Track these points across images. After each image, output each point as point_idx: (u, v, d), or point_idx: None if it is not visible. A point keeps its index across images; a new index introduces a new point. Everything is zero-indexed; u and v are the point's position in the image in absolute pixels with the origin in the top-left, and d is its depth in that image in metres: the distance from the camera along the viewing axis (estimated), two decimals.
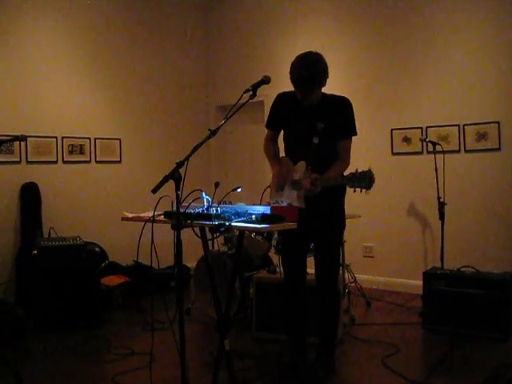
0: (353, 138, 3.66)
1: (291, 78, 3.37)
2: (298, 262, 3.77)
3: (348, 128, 3.57)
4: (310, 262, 3.80)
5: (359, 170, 3.15)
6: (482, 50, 5.59)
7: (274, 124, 3.76)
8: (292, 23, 6.93)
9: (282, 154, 3.79)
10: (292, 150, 3.67)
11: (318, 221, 3.48)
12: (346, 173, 3.33)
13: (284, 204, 3.42)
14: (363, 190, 3.18)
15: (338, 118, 3.51)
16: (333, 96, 3.60)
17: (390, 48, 6.19)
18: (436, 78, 5.89)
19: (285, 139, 3.75)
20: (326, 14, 6.66)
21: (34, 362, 4.14)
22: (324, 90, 3.56)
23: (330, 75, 3.47)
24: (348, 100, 3.57)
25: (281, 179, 3.62)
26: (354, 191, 3.22)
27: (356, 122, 3.63)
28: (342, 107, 3.55)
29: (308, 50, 3.46)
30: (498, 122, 5.51)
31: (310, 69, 3.32)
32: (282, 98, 3.69)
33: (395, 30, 6.14)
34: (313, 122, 3.49)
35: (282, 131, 3.77)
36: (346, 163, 3.58)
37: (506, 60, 5.46)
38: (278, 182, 3.63)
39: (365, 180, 3.13)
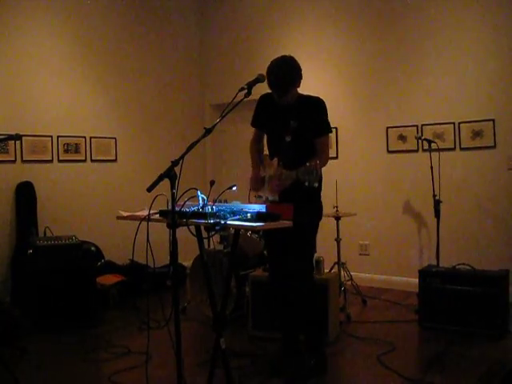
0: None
1: (268, 81, 3.51)
2: (281, 258, 3.86)
3: (322, 126, 3.70)
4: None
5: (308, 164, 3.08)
6: (478, 47, 5.61)
7: (257, 123, 3.96)
8: (287, 22, 6.92)
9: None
10: (270, 148, 3.88)
11: None
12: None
13: (263, 198, 3.68)
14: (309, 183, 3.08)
15: (312, 117, 3.65)
16: (308, 97, 3.74)
17: (385, 46, 6.19)
18: (431, 75, 5.89)
19: (267, 138, 3.96)
20: (321, 13, 6.66)
21: (31, 362, 4.13)
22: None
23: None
24: (321, 100, 3.71)
25: (253, 183, 3.82)
26: (307, 184, 3.09)
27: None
28: (315, 107, 3.69)
29: (282, 55, 3.64)
30: (493, 120, 5.53)
31: (284, 72, 3.52)
32: (263, 99, 3.88)
33: (390, 29, 6.15)
34: (287, 121, 3.65)
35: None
36: (323, 160, 3.62)
37: (501, 58, 5.47)
38: (254, 183, 3.82)
39: (311, 174, 3.04)
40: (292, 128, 3.63)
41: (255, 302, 4.55)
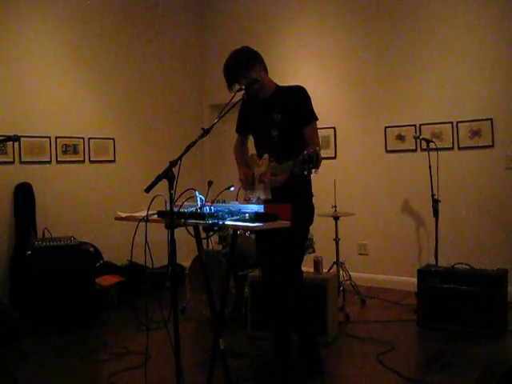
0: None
1: None
2: (270, 258, 3.72)
3: (306, 114, 3.53)
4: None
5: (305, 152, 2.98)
6: (475, 46, 5.61)
7: (239, 128, 3.84)
8: (285, 23, 6.93)
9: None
10: (257, 145, 3.73)
11: None
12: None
13: (253, 200, 3.53)
14: (313, 171, 2.99)
15: (294, 106, 3.49)
16: (287, 87, 3.63)
17: (383, 46, 6.19)
18: (429, 75, 5.90)
19: (254, 139, 3.79)
20: (319, 14, 6.66)
21: (29, 363, 4.13)
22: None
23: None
24: (302, 87, 3.56)
25: (244, 181, 3.68)
26: (306, 173, 3.03)
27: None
28: (296, 96, 3.53)
29: None
30: (491, 119, 5.53)
31: (227, 61, 3.64)
32: (243, 101, 3.59)
33: (388, 29, 6.15)
34: (270, 115, 3.52)
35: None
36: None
37: (498, 57, 5.47)
38: (244, 183, 3.68)
39: (312, 161, 2.94)
40: (276, 121, 3.49)
41: (254, 302, 4.55)
